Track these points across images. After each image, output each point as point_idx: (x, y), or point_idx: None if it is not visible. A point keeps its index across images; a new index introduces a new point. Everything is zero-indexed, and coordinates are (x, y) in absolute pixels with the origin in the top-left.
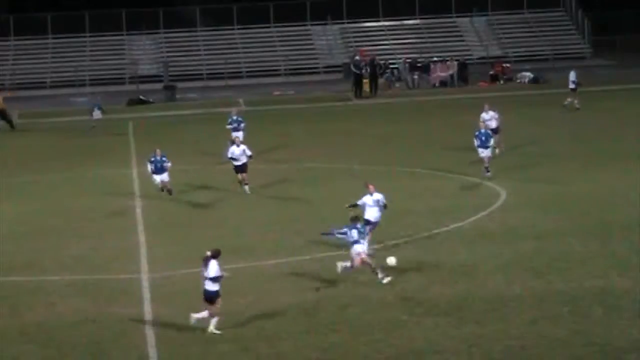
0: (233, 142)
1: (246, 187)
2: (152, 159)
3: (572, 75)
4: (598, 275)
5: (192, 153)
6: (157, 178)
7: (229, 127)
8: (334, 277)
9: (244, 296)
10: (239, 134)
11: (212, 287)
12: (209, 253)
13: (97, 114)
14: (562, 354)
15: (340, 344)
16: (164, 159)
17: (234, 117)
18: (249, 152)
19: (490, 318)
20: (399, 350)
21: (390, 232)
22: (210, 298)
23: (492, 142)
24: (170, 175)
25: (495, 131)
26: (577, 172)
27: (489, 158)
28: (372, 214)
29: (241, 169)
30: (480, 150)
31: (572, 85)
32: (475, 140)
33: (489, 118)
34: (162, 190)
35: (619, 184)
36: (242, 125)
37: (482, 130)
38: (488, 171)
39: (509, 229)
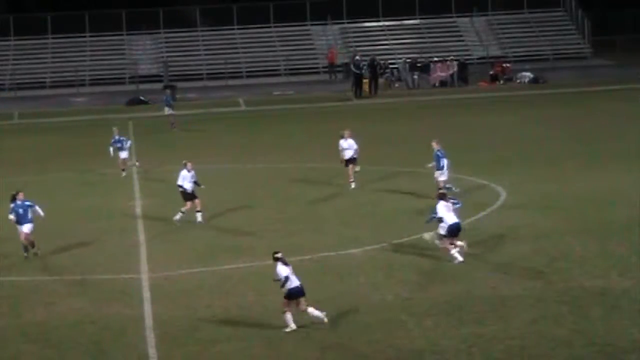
0: (185, 166)
1: (198, 215)
2: (13, 205)
3: None
4: (598, 275)
5: (190, 153)
6: (20, 229)
7: (111, 147)
8: (334, 277)
9: (244, 296)
10: (124, 153)
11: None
12: None
13: (167, 110)
14: (562, 354)
15: (340, 344)
16: (26, 204)
17: (116, 137)
18: (194, 179)
19: (490, 318)
20: (399, 350)
21: (391, 232)
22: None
23: (444, 163)
24: (34, 227)
25: (352, 161)
26: (577, 172)
27: (445, 182)
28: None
29: (190, 196)
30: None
31: None
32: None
33: (348, 147)
34: (26, 251)
35: (619, 184)
36: (127, 144)
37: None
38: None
39: (509, 229)
